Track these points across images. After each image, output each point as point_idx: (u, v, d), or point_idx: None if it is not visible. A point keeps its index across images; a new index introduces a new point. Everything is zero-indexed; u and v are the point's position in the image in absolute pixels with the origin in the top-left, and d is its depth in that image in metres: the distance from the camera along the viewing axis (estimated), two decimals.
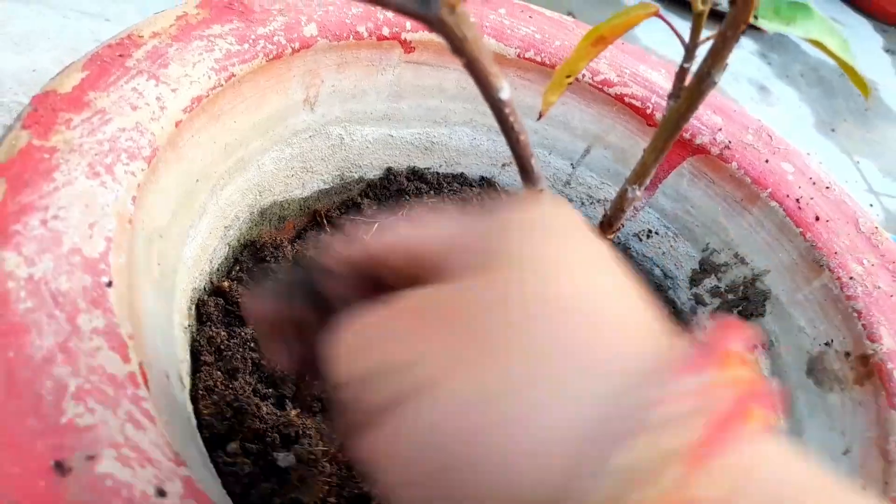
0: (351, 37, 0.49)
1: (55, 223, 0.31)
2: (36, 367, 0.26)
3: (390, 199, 0.57)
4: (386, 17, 0.51)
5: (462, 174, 0.61)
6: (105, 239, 0.31)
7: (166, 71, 0.40)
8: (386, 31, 0.51)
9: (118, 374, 0.27)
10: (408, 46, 0.52)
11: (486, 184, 0.61)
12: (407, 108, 0.56)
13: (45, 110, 0.35)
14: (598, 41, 0.32)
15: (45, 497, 0.23)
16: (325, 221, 0.54)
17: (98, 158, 0.34)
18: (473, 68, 0.24)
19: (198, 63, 0.41)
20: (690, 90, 0.30)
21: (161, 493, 0.25)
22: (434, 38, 0.53)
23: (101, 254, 0.31)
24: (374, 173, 0.58)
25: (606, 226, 0.37)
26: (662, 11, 0.32)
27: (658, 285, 0.59)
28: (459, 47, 0.23)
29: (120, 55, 0.39)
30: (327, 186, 0.55)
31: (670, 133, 0.32)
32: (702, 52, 0.31)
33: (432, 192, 0.59)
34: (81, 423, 0.25)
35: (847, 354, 0.45)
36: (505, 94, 0.26)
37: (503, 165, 0.61)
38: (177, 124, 0.38)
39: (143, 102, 0.37)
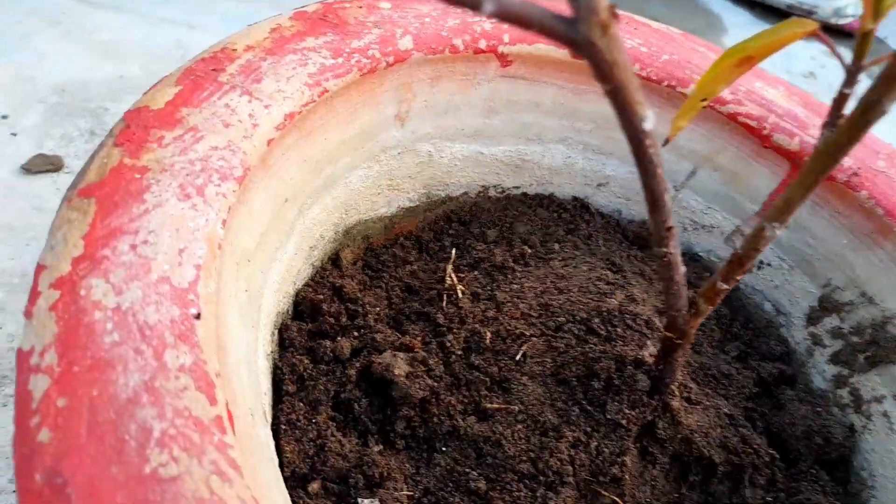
0: (447, 50, 0.46)
1: (144, 248, 0.29)
2: (120, 407, 0.24)
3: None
4: (483, 30, 0.48)
5: (552, 194, 0.57)
6: (195, 266, 0.29)
7: (259, 86, 0.38)
8: (483, 44, 0.48)
9: (204, 418, 0.25)
10: (505, 60, 0.49)
11: (579, 205, 0.57)
12: (499, 124, 0.53)
13: (137, 127, 0.34)
14: (744, 62, 0.28)
15: None
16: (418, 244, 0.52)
17: (189, 179, 0.32)
18: (617, 95, 0.21)
19: (291, 78, 0.39)
20: (853, 120, 0.26)
21: None
22: (532, 51, 0.50)
23: (191, 283, 0.29)
24: (460, 191, 0.55)
25: (736, 265, 0.33)
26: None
27: (769, 322, 0.54)
28: (607, 73, 0.20)
29: (213, 69, 0.38)
30: (413, 204, 0.53)
31: (824, 167, 0.28)
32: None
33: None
34: (165, 475, 0.23)
35: None
36: (649, 124, 0.23)
37: (598, 186, 0.57)
38: (269, 142, 0.37)
39: (236, 119, 0.36)
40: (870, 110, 0.26)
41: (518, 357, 0.40)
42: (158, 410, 0.25)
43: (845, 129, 0.27)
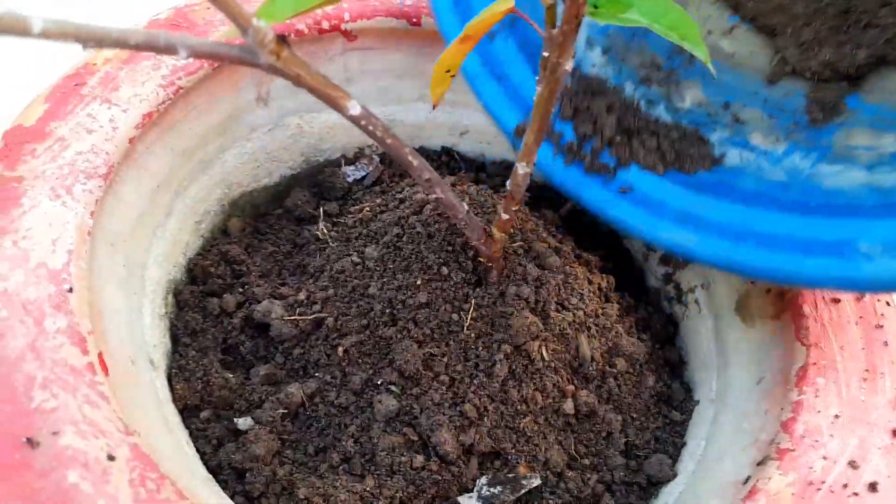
0: (292, 34, 0.53)
1: (24, 242, 0.37)
2: (10, 364, 0.33)
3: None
4: (325, 12, 0.55)
5: (422, 147, 0.65)
6: (66, 252, 0.37)
7: (118, 93, 0.45)
8: (326, 25, 0.55)
9: (77, 365, 0.33)
10: (350, 35, 0.56)
11: (446, 153, 0.65)
12: (360, 91, 0.60)
13: (13, 143, 0.41)
14: (465, 40, 0.35)
15: (20, 465, 0.30)
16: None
17: (59, 182, 0.40)
18: (318, 95, 0.29)
19: (146, 82, 0.46)
20: (548, 78, 0.33)
21: (111, 457, 0.31)
22: (374, 24, 0.57)
23: (64, 264, 0.37)
24: (337, 154, 0.62)
25: (510, 199, 0.41)
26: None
27: (614, 235, 0.62)
28: (298, 82, 0.27)
29: (76, 84, 0.45)
30: (294, 172, 0.60)
31: (543, 115, 0.36)
32: None
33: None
34: (47, 407, 0.32)
35: (767, 291, 0.48)
36: (355, 110, 0.30)
37: (461, 134, 0.65)
38: (130, 141, 0.44)
39: (98, 125, 0.43)
40: (555, 70, 0.33)
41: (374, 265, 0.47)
42: (40, 363, 0.33)
43: (546, 84, 0.34)
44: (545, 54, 0.36)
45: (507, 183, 0.41)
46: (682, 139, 0.46)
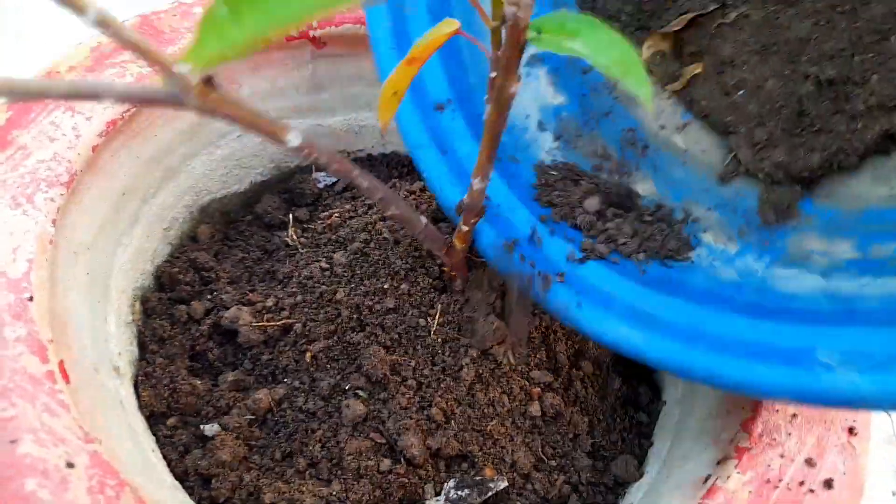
0: None
1: None
2: None
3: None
4: None
5: (394, 151, 0.65)
6: (27, 261, 0.37)
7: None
8: (293, 32, 0.55)
9: (36, 373, 0.33)
10: (318, 43, 0.57)
11: None
12: (330, 98, 0.60)
13: None
14: (412, 61, 0.35)
15: None
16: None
17: (20, 190, 0.40)
18: (257, 131, 0.28)
19: None
20: (495, 100, 0.34)
21: (70, 465, 0.31)
22: (342, 31, 0.57)
23: (24, 273, 0.37)
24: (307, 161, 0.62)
25: (468, 213, 0.41)
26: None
27: None
28: (231, 120, 0.27)
29: None
30: (265, 178, 0.60)
31: (492, 135, 0.36)
32: None
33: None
34: (5, 415, 0.32)
35: None
36: (294, 142, 0.30)
37: None
38: (93, 149, 0.44)
39: (60, 133, 0.43)
40: (501, 91, 0.34)
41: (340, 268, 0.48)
42: None
43: (493, 106, 0.34)
44: (492, 74, 0.36)
45: (464, 197, 0.41)
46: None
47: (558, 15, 0.32)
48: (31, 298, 0.36)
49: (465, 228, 0.42)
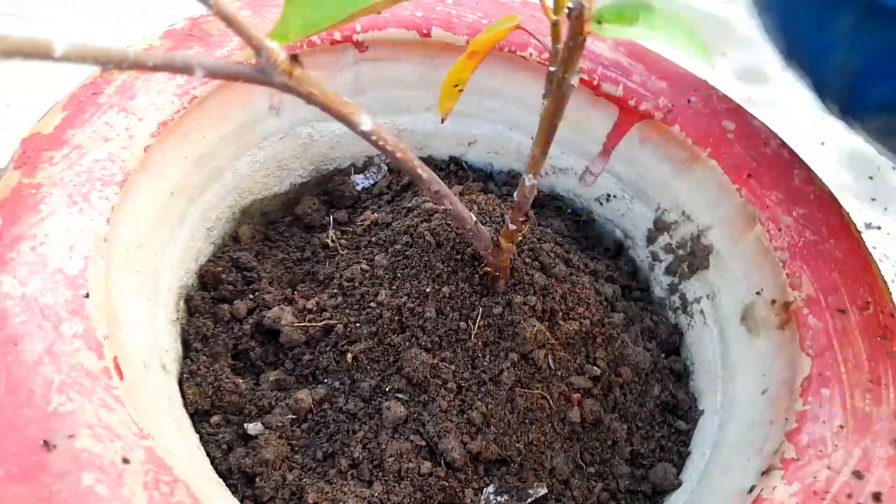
0: (304, 45, 0.54)
1: (42, 248, 0.38)
2: (28, 368, 0.33)
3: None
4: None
5: (431, 156, 0.65)
6: (83, 258, 0.38)
7: (133, 102, 0.46)
8: (338, 36, 0.55)
9: (93, 369, 0.34)
10: (361, 46, 0.57)
11: (454, 163, 0.65)
12: (370, 101, 0.61)
13: (31, 151, 0.42)
14: (472, 56, 0.36)
15: (36, 468, 0.30)
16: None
17: (76, 189, 0.41)
18: (330, 112, 0.29)
19: (162, 91, 0.47)
20: (554, 92, 0.34)
21: (126, 461, 0.32)
22: (385, 35, 0.57)
23: (80, 270, 0.38)
24: (347, 163, 0.63)
25: (517, 210, 0.41)
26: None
27: (620, 245, 0.62)
28: (309, 100, 0.28)
29: (93, 93, 0.46)
30: (304, 180, 0.61)
31: (548, 129, 0.36)
32: None
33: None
34: (63, 410, 0.32)
35: (772, 301, 0.48)
36: (366, 126, 0.31)
37: (469, 144, 0.65)
38: (145, 149, 0.45)
39: (115, 133, 0.44)
40: (561, 85, 0.34)
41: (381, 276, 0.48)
42: (57, 367, 0.34)
43: (552, 99, 0.35)
44: (551, 68, 0.36)
45: (515, 193, 0.41)
46: None
47: (614, 4, 0.33)
48: (87, 295, 0.37)
49: (513, 227, 0.42)
